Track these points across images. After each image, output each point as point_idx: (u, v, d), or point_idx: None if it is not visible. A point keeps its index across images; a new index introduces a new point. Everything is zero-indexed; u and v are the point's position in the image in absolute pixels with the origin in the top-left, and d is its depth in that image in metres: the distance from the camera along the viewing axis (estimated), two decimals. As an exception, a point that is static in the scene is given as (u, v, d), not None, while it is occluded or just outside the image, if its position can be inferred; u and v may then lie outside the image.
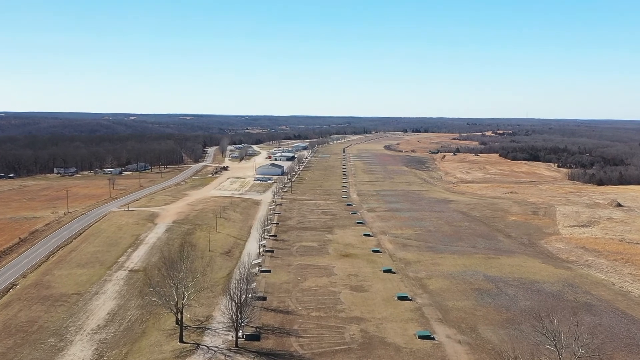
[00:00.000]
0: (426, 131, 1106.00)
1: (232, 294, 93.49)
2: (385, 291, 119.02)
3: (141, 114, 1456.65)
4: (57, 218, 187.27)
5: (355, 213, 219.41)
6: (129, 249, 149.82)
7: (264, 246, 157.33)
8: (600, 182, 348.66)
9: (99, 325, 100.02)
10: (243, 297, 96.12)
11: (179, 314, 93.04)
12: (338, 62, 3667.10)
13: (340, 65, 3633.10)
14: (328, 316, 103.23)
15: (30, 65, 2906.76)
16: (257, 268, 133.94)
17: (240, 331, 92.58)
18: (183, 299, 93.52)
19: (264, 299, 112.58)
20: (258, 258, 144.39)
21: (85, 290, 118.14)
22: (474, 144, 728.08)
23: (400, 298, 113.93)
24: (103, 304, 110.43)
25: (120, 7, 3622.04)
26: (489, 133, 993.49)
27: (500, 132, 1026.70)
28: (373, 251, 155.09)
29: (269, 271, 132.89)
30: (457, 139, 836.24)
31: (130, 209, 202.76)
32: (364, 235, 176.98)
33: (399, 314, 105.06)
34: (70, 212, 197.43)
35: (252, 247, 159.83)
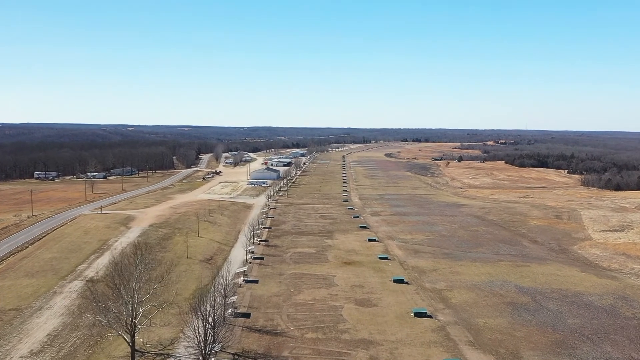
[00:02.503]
0: (427, 140, 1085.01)
1: (201, 309, 70.97)
2: (398, 306, 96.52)
3: (139, 125, 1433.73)
4: (17, 221, 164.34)
5: (358, 217, 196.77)
6: (92, 256, 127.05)
7: (253, 252, 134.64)
8: (618, 187, 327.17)
9: (32, 350, 77.42)
10: (218, 313, 74.01)
11: (132, 336, 70.43)
12: (337, 73, 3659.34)
13: (339, 77, 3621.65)
14: (328, 338, 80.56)
15: (27, 78, 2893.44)
16: (241, 278, 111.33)
17: (212, 359, 70.08)
18: (135, 318, 70.84)
19: (248, 315, 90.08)
20: (244, 266, 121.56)
21: (28, 305, 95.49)
22: (477, 152, 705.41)
23: (417, 314, 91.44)
24: (45, 323, 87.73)
25: (120, 19, 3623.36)
26: (490, 143, 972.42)
27: (502, 141, 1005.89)
28: (380, 258, 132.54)
29: (255, 281, 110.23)
30: (459, 148, 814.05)
31: (103, 211, 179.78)
32: (369, 240, 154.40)
33: (417, 336, 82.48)
34: (35, 215, 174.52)
35: (238, 253, 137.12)
